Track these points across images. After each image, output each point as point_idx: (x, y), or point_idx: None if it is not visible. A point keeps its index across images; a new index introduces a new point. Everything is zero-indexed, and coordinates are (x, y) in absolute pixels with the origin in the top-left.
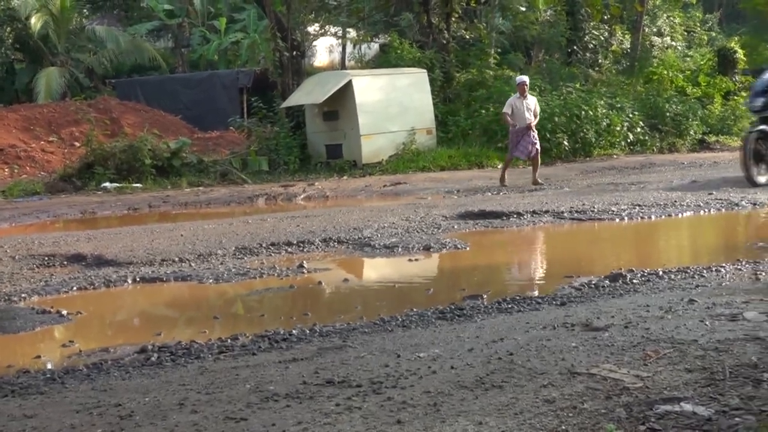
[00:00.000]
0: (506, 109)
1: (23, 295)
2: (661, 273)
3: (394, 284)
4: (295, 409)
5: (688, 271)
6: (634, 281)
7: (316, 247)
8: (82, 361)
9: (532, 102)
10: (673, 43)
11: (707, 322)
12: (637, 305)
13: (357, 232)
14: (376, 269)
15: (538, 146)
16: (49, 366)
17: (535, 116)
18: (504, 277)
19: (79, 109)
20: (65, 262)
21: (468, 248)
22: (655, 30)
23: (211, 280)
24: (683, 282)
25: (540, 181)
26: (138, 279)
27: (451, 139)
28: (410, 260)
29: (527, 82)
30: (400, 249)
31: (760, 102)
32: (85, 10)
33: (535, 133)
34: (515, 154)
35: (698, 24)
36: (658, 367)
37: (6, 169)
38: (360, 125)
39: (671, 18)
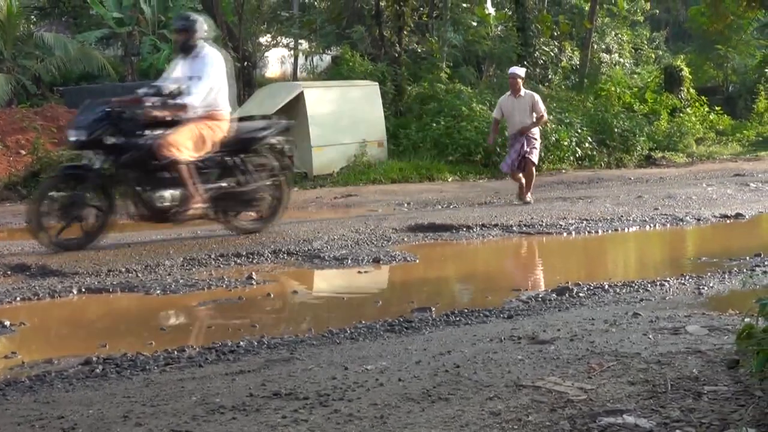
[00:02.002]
0: (495, 113)
1: None
2: (606, 287)
3: (344, 296)
4: (241, 421)
5: (633, 285)
6: (581, 295)
7: (266, 259)
8: (25, 372)
9: (528, 100)
10: (621, 60)
11: (650, 336)
12: (583, 318)
13: (307, 243)
14: (325, 281)
15: (533, 157)
16: None
17: (539, 118)
18: (453, 290)
19: (26, 116)
20: (8, 272)
21: (417, 261)
22: (603, 47)
23: (158, 291)
24: (628, 296)
25: (528, 198)
26: (83, 290)
27: (402, 152)
28: (360, 272)
29: (521, 75)
30: (349, 261)
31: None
32: (33, 17)
33: (533, 141)
34: (502, 168)
35: (645, 42)
36: (602, 379)
37: None
38: (311, 137)
39: (619, 36)
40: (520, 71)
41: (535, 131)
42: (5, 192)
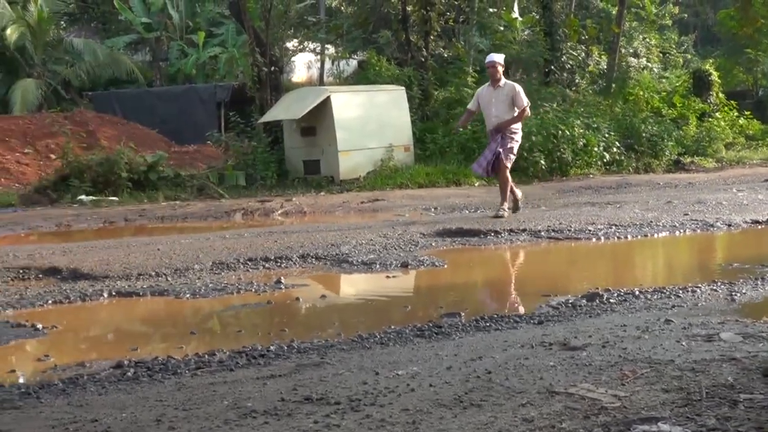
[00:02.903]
0: (470, 105)
1: None
2: (637, 293)
3: (372, 301)
4: (273, 426)
5: (665, 291)
6: (611, 301)
7: (294, 263)
8: (58, 375)
9: (507, 92)
10: (649, 64)
11: (684, 343)
12: (614, 325)
13: (335, 248)
14: (353, 286)
15: (507, 159)
16: (24, 380)
17: (521, 111)
18: (482, 295)
19: (55, 121)
20: (40, 276)
21: (446, 266)
22: (631, 51)
23: (188, 295)
24: (659, 302)
25: (503, 210)
26: (114, 293)
27: (428, 157)
28: (388, 277)
29: (501, 63)
30: (377, 266)
31: None
32: (62, 22)
33: (509, 140)
34: (473, 170)
35: (674, 46)
36: (635, 386)
37: None
38: (338, 141)
39: (647, 40)
40: (499, 57)
41: (516, 128)
42: (36, 196)
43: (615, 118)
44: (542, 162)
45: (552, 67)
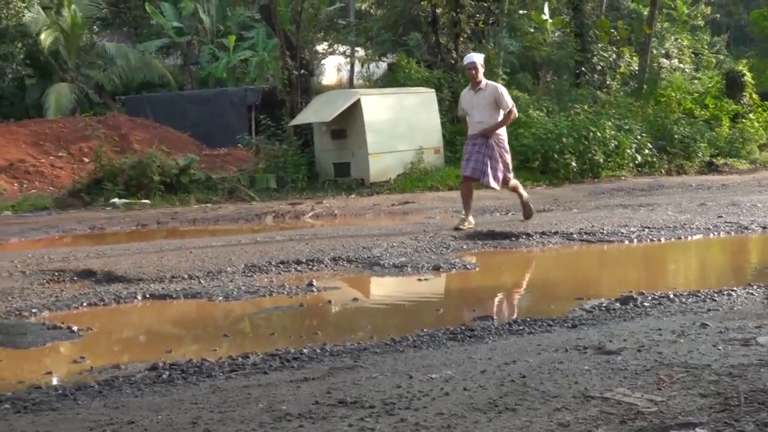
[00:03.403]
0: (458, 111)
1: (34, 311)
2: (672, 296)
3: (404, 304)
4: (308, 429)
5: (700, 294)
6: (645, 304)
7: (326, 266)
8: (94, 377)
9: (490, 94)
10: (681, 65)
11: (720, 347)
12: (649, 328)
13: (366, 251)
14: (385, 289)
15: (498, 173)
16: (60, 382)
17: (507, 114)
18: (514, 298)
19: (89, 125)
20: (75, 278)
21: (477, 269)
22: (663, 52)
23: (220, 298)
24: (695, 305)
25: (467, 223)
26: (148, 296)
27: (458, 159)
28: (419, 280)
29: (481, 63)
30: (409, 268)
31: None
32: (95, 27)
33: (503, 151)
34: (464, 173)
35: (706, 46)
36: (672, 391)
37: (15, 184)
38: (368, 144)
39: (679, 40)
40: (479, 58)
41: (503, 136)
42: (70, 199)
43: (647, 120)
44: (573, 164)
45: (583, 68)
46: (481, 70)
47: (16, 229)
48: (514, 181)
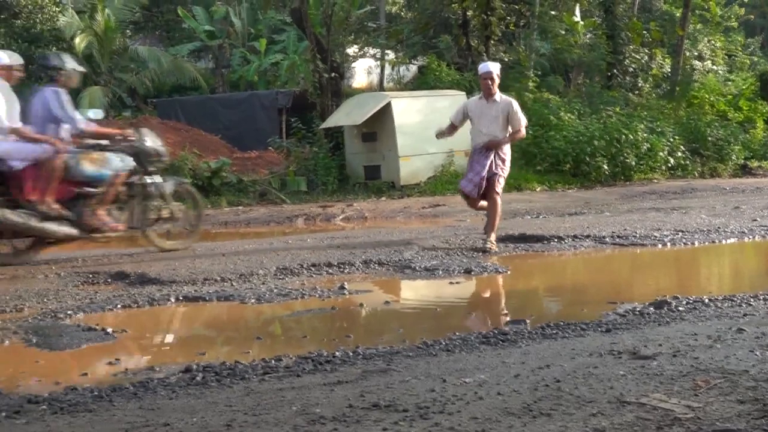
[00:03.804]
0: (454, 117)
1: (69, 312)
2: (707, 301)
3: (436, 307)
4: None
5: (735, 299)
6: (680, 309)
7: (357, 269)
8: (129, 379)
9: (503, 107)
10: (714, 67)
11: (757, 352)
12: (685, 333)
13: (397, 254)
14: (417, 292)
15: (498, 186)
16: (96, 384)
17: (515, 132)
18: (546, 302)
19: (121, 128)
20: (109, 280)
21: (509, 272)
22: (696, 54)
23: (252, 300)
24: (730, 310)
25: (491, 243)
26: (181, 298)
27: None
28: (451, 283)
29: (497, 74)
30: (440, 272)
31: None
32: (128, 31)
33: (502, 163)
34: (462, 187)
35: (740, 48)
36: (709, 397)
37: None
38: (399, 146)
39: (712, 42)
40: (495, 68)
41: (507, 149)
42: None
43: (679, 122)
44: (605, 166)
45: (614, 70)
46: (497, 81)
47: None
48: (496, 199)
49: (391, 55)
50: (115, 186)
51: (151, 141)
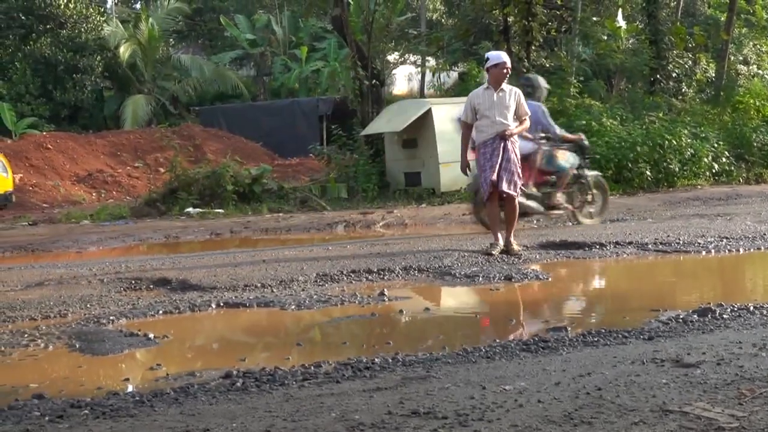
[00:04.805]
0: (464, 115)
1: (111, 318)
2: (752, 308)
3: (476, 314)
4: None
5: None
6: (724, 316)
7: (397, 275)
8: (169, 384)
9: (511, 96)
10: (760, 71)
11: None
12: (729, 341)
13: (437, 260)
14: (456, 298)
15: (514, 187)
16: (137, 389)
17: (522, 122)
18: (588, 309)
19: (164, 135)
20: (151, 286)
21: (550, 279)
22: (741, 58)
23: (293, 307)
24: None
25: (515, 246)
26: (222, 304)
27: None
28: (491, 290)
29: (508, 65)
30: (480, 278)
31: None
32: (171, 40)
33: (514, 158)
34: (483, 188)
35: None
36: (754, 406)
37: (93, 194)
38: (439, 153)
39: (758, 46)
40: (507, 58)
41: (516, 142)
42: (146, 208)
43: (724, 127)
44: (648, 173)
45: (658, 75)
46: (507, 72)
47: (94, 237)
48: (514, 202)
49: (431, 61)
50: (569, 176)
51: (587, 141)
